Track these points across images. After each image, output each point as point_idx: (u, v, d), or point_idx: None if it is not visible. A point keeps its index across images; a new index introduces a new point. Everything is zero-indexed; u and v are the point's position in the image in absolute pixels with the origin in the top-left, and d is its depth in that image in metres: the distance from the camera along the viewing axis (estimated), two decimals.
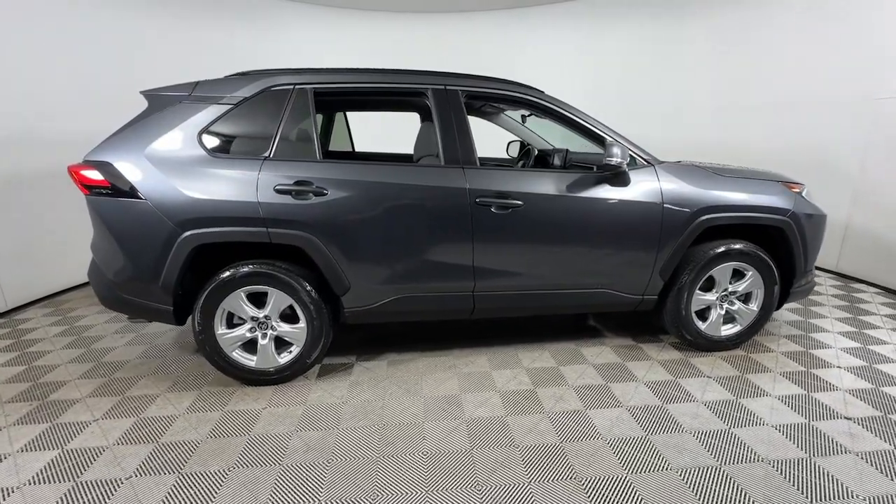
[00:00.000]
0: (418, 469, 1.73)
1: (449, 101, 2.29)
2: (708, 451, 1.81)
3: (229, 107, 2.15)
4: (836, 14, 3.79)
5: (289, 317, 2.27)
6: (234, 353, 2.27)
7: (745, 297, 2.59)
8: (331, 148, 3.33)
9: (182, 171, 2.08)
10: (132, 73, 4.29)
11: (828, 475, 1.68)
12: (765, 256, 2.48)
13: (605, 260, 2.38)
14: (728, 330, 2.61)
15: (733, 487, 1.62)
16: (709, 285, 2.54)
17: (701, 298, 2.54)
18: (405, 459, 1.78)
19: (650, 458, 1.78)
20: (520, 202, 2.23)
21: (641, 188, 2.34)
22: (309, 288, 2.20)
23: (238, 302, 2.19)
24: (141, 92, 2.25)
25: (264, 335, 2.27)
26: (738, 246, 2.44)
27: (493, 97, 2.39)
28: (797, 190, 2.55)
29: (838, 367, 2.46)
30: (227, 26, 5.05)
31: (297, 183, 2.12)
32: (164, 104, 2.17)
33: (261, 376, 2.29)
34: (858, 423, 1.98)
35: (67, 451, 1.84)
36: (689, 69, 5.09)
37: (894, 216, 3.51)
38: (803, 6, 4.05)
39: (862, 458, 1.77)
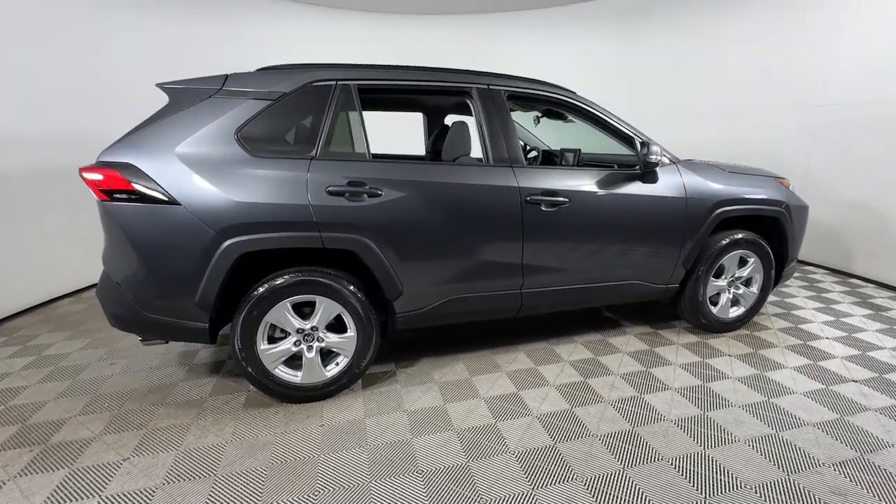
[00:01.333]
0: (524, 471, 1.72)
1: (493, 100, 2.30)
2: (760, 421, 1.99)
3: (269, 103, 1.99)
4: (786, 30, 4.33)
5: (333, 326, 2.14)
6: (276, 370, 2.09)
7: (747, 282, 2.87)
8: (338, 148, 3.18)
9: (221, 172, 1.88)
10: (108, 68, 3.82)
11: (861, 430, 1.91)
12: (764, 244, 2.77)
13: (638, 252, 2.52)
14: (734, 312, 2.88)
15: (795, 449, 1.80)
16: (718, 272, 2.78)
17: (714, 284, 2.77)
18: (500, 462, 1.76)
19: (717, 433, 1.91)
20: (566, 200, 2.30)
21: (668, 184, 2.51)
22: (360, 295, 2.09)
23: (283, 314, 2.03)
24: (158, 85, 2.00)
25: (310, 348, 2.11)
26: (744, 235, 2.71)
27: (531, 97, 2.43)
28: (786, 184, 2.88)
29: (826, 338, 2.81)
30: (213, 22, 4.65)
31: (351, 184, 2.01)
32: (189, 99, 1.95)
33: (307, 392, 2.13)
34: (865, 384, 2.28)
35: (108, 498, 1.59)
36: (650, 78, 5.54)
37: (836, 207, 4.07)
38: (754, 23, 4.58)
39: (881, 412, 2.04)
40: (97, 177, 1.80)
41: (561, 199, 2.28)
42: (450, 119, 3.45)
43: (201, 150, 1.89)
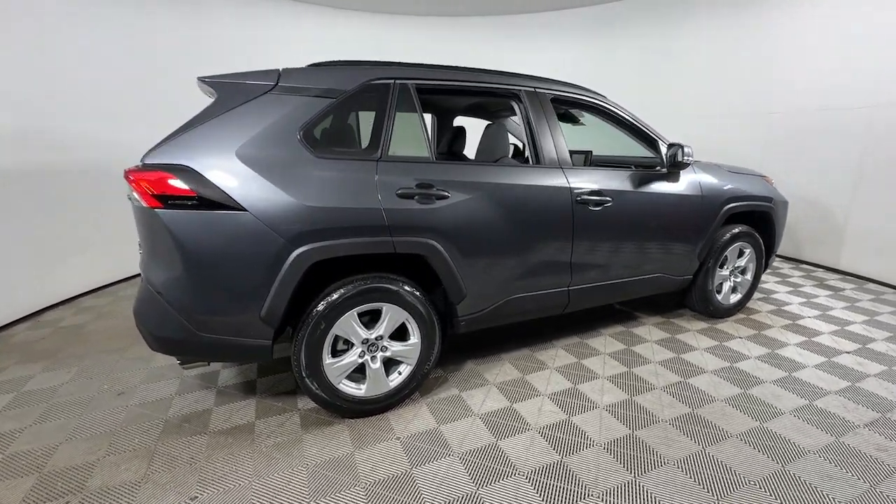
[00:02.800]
0: (619, 461, 1.77)
1: (540, 103, 2.35)
2: (795, 394, 2.22)
3: (331, 101, 1.87)
4: (740, 46, 4.85)
5: (393, 334, 2.06)
6: (341, 385, 1.97)
7: (743, 271, 3.19)
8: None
9: (287, 175, 1.74)
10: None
11: (872, 394, 2.21)
12: (757, 236, 3.09)
13: (666, 247, 2.69)
14: (734, 298, 3.18)
15: (832, 416, 2.03)
16: (721, 263, 3.06)
17: (719, 274, 3.04)
18: (592, 455, 1.80)
19: (764, 408, 2.11)
20: (609, 199, 2.40)
21: (687, 183, 2.72)
22: (425, 300, 2.03)
23: (350, 324, 1.91)
24: (201, 78, 1.80)
25: (373, 358, 2.02)
26: (742, 229, 3.00)
27: (570, 101, 2.51)
28: (771, 182, 3.24)
29: (808, 317, 3.20)
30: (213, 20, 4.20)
31: (420, 185, 1.95)
32: (242, 96, 1.78)
33: (371, 405, 2.03)
34: (856, 355, 2.63)
35: None
36: (618, 87, 5.92)
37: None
38: (711, 40, 5.08)
39: (882, 377, 2.37)
40: (151, 181, 1.58)
41: (605, 198, 2.39)
42: (457, 121, 3.46)
43: (263, 150, 1.73)
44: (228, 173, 1.66)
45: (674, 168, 2.62)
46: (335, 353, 1.95)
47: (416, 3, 5.63)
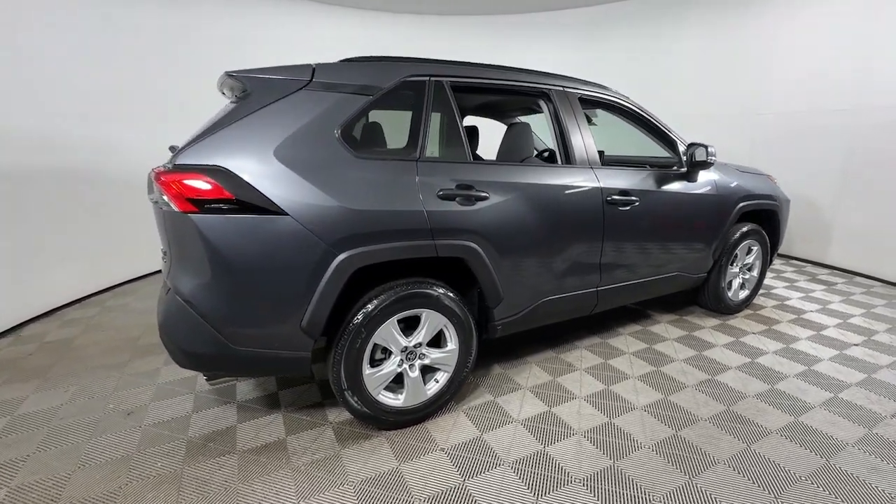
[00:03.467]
0: (669, 461, 1.75)
1: (569, 102, 2.32)
2: (818, 387, 2.28)
3: (368, 98, 1.78)
4: (729, 50, 4.99)
5: (430, 340, 1.98)
6: (380, 396, 1.88)
7: (750, 268, 3.27)
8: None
9: (327, 176, 1.64)
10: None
11: (891, 384, 2.30)
12: (764, 234, 3.18)
13: (687, 246, 2.72)
14: (742, 295, 3.26)
15: (858, 408, 2.09)
16: (731, 260, 3.12)
17: (730, 271, 3.11)
18: (643, 457, 1.78)
19: (794, 402, 2.15)
20: (637, 199, 2.40)
21: (705, 182, 2.76)
22: (463, 304, 1.97)
23: (391, 331, 1.83)
24: (230, 73, 1.68)
25: (412, 366, 1.94)
26: (751, 227, 3.08)
27: (595, 101, 2.49)
28: (774, 181, 3.34)
29: (811, 311, 3.32)
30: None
31: (459, 186, 1.88)
32: (275, 92, 1.66)
33: (409, 415, 1.95)
34: (864, 346, 2.73)
35: None
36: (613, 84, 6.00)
37: None
38: (700, 42, 5.22)
39: (889, 368, 2.47)
40: (185, 183, 1.45)
41: (633, 198, 2.39)
42: (468, 121, 3.41)
43: (302, 150, 1.62)
44: (267, 175, 1.54)
45: (695, 167, 2.65)
46: (372, 362, 1.86)
47: (406, 1, 5.54)
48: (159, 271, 4.49)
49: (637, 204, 2.40)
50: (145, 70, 4.11)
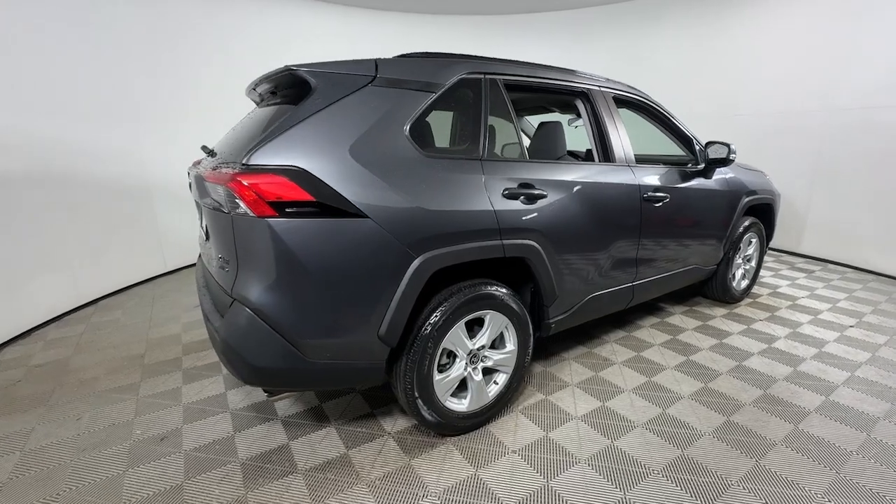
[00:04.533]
0: (739, 449, 1.82)
1: (606, 101, 2.36)
2: (836, 368, 2.45)
3: (431, 95, 1.72)
4: (707, 51, 5.29)
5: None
6: (447, 402, 1.83)
7: (749, 259, 3.47)
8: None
9: (402, 175, 1.57)
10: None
11: (891, 361, 2.52)
12: (762, 227, 3.39)
13: (704, 239, 2.85)
14: (743, 284, 3.45)
15: (881, 386, 2.28)
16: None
17: (735, 263, 3.29)
18: (707, 444, 1.84)
19: (819, 383, 2.30)
20: (667, 196, 2.49)
21: (718, 178, 2.90)
22: (522, 304, 1.96)
23: (459, 335, 1.79)
24: (291, 67, 1.57)
25: (475, 370, 1.90)
26: (752, 220, 3.27)
27: (625, 100, 2.55)
28: (767, 176, 3.57)
29: (802, 297, 3.57)
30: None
31: (522, 185, 1.86)
32: (342, 88, 1.58)
33: (473, 419, 1.91)
34: (858, 328, 2.98)
35: None
36: None
37: None
38: (679, 46, 5.49)
39: (890, 346, 2.70)
40: (264, 185, 1.34)
41: (665, 195, 2.47)
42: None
43: (376, 149, 1.55)
44: (345, 175, 1.46)
45: (712, 165, 2.78)
46: (438, 368, 1.81)
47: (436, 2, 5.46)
48: (140, 283, 4.15)
49: (667, 200, 2.49)
50: (124, 71, 3.79)
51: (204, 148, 1.92)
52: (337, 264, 1.45)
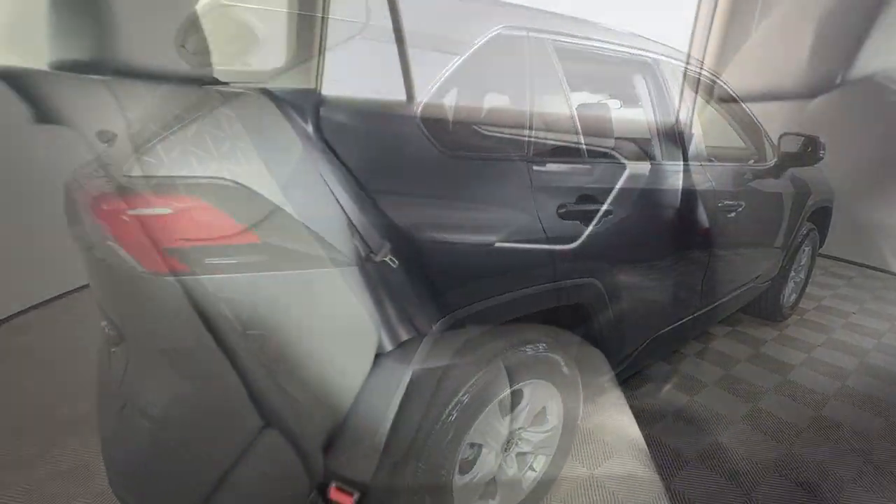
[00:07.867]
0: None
1: (683, 80, 1.77)
2: None
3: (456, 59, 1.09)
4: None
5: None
6: None
7: (799, 270, 2.98)
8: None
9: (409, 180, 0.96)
10: None
11: None
12: (817, 234, 2.87)
13: (767, 251, 2.33)
14: (792, 299, 2.97)
15: None
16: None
17: (789, 276, 2.78)
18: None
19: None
20: (742, 203, 1.93)
21: (785, 178, 2.34)
22: (570, 362, 1.39)
23: (489, 423, 1.21)
24: None
25: (508, 459, 1.34)
26: (810, 226, 2.75)
27: (696, 79, 1.95)
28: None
29: (854, 313, 3.12)
30: None
31: (581, 199, 1.27)
32: None
33: None
34: None
35: None
36: None
37: None
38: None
39: None
40: None
41: (739, 202, 1.91)
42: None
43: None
44: None
45: (786, 162, 2.21)
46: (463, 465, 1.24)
47: None
48: (57, 297, 3.42)
49: (741, 209, 1.94)
50: None
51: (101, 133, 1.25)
52: None
